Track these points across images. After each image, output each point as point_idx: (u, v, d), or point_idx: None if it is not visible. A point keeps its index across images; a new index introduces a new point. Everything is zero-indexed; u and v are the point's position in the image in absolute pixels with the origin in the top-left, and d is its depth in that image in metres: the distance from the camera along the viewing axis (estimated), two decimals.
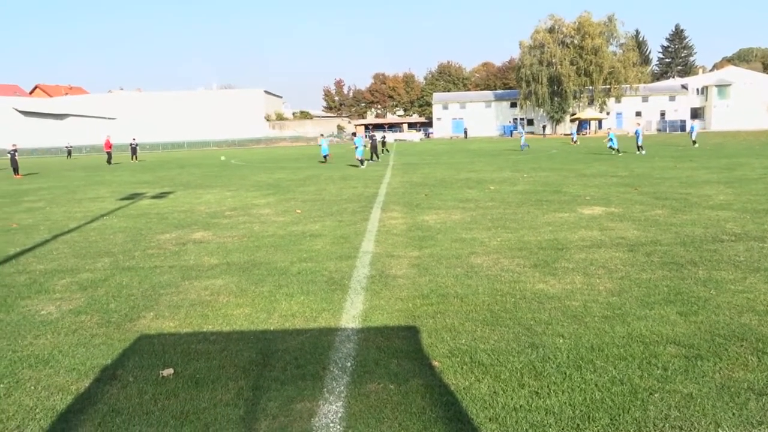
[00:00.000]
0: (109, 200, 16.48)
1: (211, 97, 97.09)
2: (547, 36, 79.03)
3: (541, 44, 79.57)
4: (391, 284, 6.36)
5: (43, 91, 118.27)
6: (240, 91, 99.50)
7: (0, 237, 10.63)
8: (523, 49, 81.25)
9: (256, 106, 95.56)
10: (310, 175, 22.83)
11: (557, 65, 77.68)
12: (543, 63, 78.48)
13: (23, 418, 3.66)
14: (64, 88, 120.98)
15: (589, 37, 76.25)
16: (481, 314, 5.28)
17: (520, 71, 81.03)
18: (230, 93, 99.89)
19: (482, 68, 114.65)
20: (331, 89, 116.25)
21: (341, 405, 3.66)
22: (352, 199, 14.38)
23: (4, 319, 5.70)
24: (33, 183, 25.15)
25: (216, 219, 11.86)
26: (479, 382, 3.92)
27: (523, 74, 79.86)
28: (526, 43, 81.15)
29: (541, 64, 78.50)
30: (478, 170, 22.34)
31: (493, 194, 14.26)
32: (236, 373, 4.17)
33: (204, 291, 6.42)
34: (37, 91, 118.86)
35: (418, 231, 9.53)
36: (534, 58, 79.41)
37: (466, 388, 3.83)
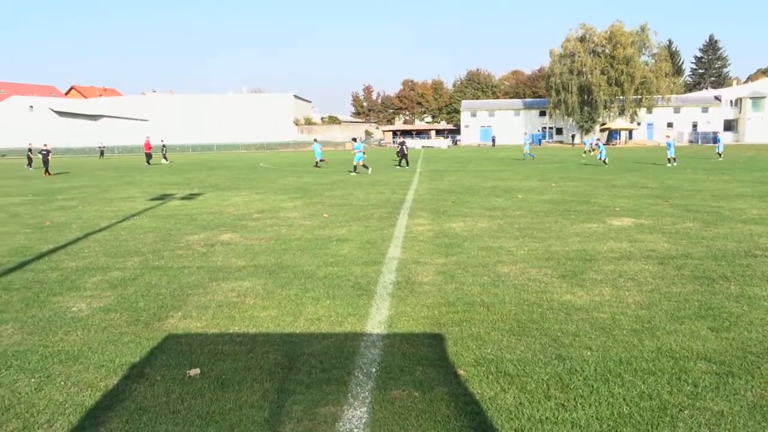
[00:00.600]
0: (139, 200, 16.75)
1: (241, 101, 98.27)
2: (577, 45, 78.33)
3: (571, 53, 78.87)
4: (417, 291, 6.35)
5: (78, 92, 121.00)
6: (270, 96, 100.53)
7: (33, 234, 10.88)
8: (554, 58, 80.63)
9: (286, 111, 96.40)
10: (338, 180, 22.93)
11: (588, 74, 76.91)
12: (573, 72, 77.76)
13: (53, 412, 3.72)
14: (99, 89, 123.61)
15: (620, 47, 75.35)
16: (508, 324, 5.23)
17: (550, 80, 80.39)
18: (260, 97, 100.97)
19: (511, 76, 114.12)
20: (359, 95, 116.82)
21: (366, 411, 3.65)
22: (379, 204, 14.39)
23: (37, 314, 5.82)
24: (66, 182, 25.70)
25: (244, 221, 11.97)
26: (505, 392, 3.88)
27: (553, 83, 79.22)
28: (557, 52, 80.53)
29: (572, 73, 77.79)
30: (505, 178, 22.20)
31: (520, 203, 14.15)
32: (262, 375, 4.19)
33: (231, 292, 6.48)
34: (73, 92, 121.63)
35: (445, 238, 9.50)
36: (564, 67, 78.73)
37: (492, 398, 3.80)
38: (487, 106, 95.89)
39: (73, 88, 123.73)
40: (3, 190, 21.68)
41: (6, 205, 16.22)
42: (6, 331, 5.33)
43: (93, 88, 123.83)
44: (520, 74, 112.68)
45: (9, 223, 12.58)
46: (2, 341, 5.05)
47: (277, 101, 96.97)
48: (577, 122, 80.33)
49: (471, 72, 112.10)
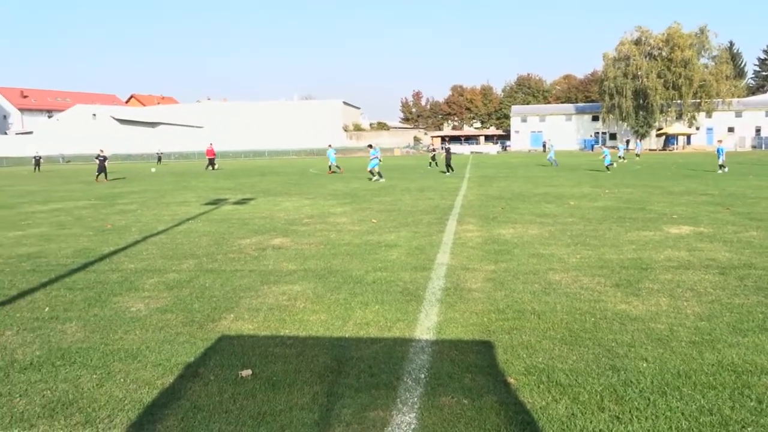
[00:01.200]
0: (194, 205, 17.22)
1: (292, 108, 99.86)
2: (633, 48, 76.43)
3: (626, 56, 77.02)
4: (466, 297, 6.31)
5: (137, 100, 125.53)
6: (319, 102, 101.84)
7: (96, 237, 11.32)
8: (607, 62, 78.92)
9: (335, 117, 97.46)
10: (386, 186, 23.01)
11: (643, 78, 74.94)
12: (628, 76, 75.91)
13: (113, 408, 3.86)
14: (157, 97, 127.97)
15: (678, 49, 73.15)
16: (559, 332, 5.14)
17: (604, 84, 78.69)
18: (310, 104, 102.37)
19: (563, 81, 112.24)
20: (408, 101, 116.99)
21: (414, 416, 3.65)
22: (427, 210, 14.37)
23: (98, 314, 6.05)
24: (126, 187, 26.64)
25: (294, 226, 12.15)
26: (557, 402, 3.81)
27: (607, 87, 77.51)
28: (611, 55, 78.80)
29: (626, 76, 75.95)
30: (556, 185, 21.83)
31: (572, 210, 13.89)
32: (312, 378, 4.24)
33: (282, 296, 6.58)
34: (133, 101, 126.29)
35: (494, 244, 9.40)
36: (618, 71, 76.93)
37: (543, 407, 3.74)
38: (537, 111, 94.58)
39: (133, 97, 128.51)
40: (69, 195, 22.64)
41: (71, 209, 16.94)
42: (70, 328, 5.56)
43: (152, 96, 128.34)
44: (572, 78, 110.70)
45: (74, 225, 13.13)
46: (67, 338, 5.28)
47: (326, 108, 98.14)
48: (632, 127, 78.34)
49: (521, 77, 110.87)
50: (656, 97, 74.39)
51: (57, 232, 12.17)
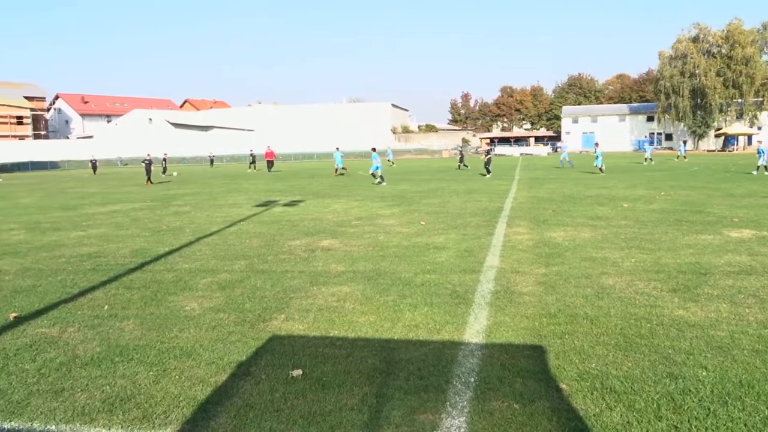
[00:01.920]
0: (245, 207, 17.55)
1: (340, 111, 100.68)
2: (690, 45, 74.02)
3: (683, 54, 74.65)
4: (517, 301, 6.22)
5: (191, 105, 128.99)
6: (368, 105, 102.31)
7: (152, 237, 11.67)
8: (663, 60, 76.65)
9: (383, 119, 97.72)
10: (434, 188, 22.93)
11: (701, 76, 72.47)
12: (685, 74, 73.54)
13: (169, 404, 3.97)
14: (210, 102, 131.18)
15: (739, 46, 70.46)
16: (613, 338, 5.01)
17: (659, 83, 76.47)
18: (359, 106, 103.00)
19: (616, 80, 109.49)
20: (457, 102, 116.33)
21: (464, 420, 3.62)
22: (476, 212, 14.25)
23: (154, 312, 6.23)
24: (180, 189, 27.38)
25: (343, 228, 12.24)
26: (611, 410, 3.71)
27: (662, 86, 75.29)
28: (667, 54, 76.52)
29: (683, 75, 73.60)
30: (609, 187, 21.30)
31: (626, 212, 13.53)
32: (361, 379, 4.26)
33: (331, 297, 6.63)
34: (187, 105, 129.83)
35: (545, 248, 9.24)
36: (675, 69, 74.63)
37: (597, 415, 3.65)
38: (589, 112, 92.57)
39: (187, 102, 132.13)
40: (126, 197, 23.43)
41: (129, 210, 17.52)
42: (128, 326, 5.75)
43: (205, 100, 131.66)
44: (625, 78, 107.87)
45: (131, 226, 13.57)
46: (125, 336, 5.46)
47: (375, 110, 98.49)
48: (689, 127, 75.88)
49: (572, 77, 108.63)
50: (715, 96, 71.87)
51: (115, 232, 12.60)
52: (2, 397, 4.15)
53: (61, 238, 12.01)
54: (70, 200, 22.53)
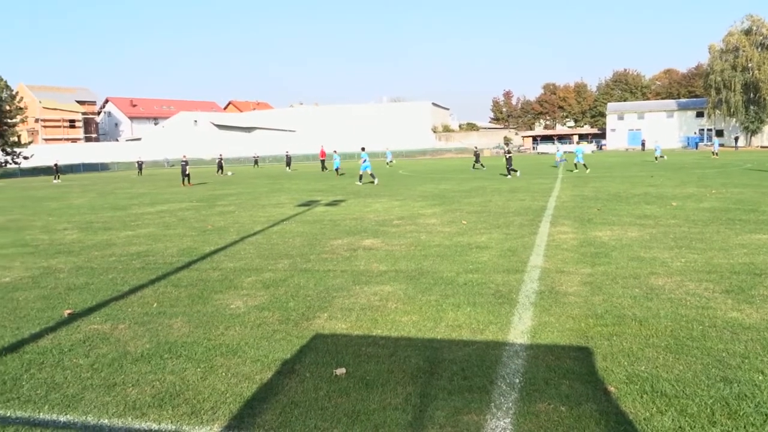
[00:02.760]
0: (288, 206, 17.76)
1: (381, 110, 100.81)
2: (742, 38, 71.54)
3: (735, 48, 72.21)
4: (562, 301, 6.12)
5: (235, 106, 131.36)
6: (408, 104, 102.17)
7: (198, 237, 11.92)
8: (713, 54, 74.31)
9: (424, 118, 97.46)
10: (476, 187, 22.76)
11: (754, 70, 69.95)
12: (737, 68, 71.11)
13: (216, 400, 4.04)
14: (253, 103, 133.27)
15: None
16: (663, 340, 4.87)
17: (709, 78, 74.16)
18: (399, 106, 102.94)
19: (664, 75, 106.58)
20: (499, 100, 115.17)
21: (509, 422, 3.57)
22: (519, 211, 14.08)
23: (201, 310, 6.36)
24: (224, 189, 27.89)
25: (384, 227, 12.26)
26: (662, 414, 3.61)
27: (713, 81, 72.98)
28: (717, 47, 74.15)
29: (735, 69, 71.18)
30: (657, 185, 20.75)
31: (675, 211, 13.15)
32: (404, 379, 4.25)
33: (373, 296, 6.65)
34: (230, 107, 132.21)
35: (591, 247, 9.07)
36: (726, 63, 72.24)
37: (647, 419, 3.55)
38: (635, 108, 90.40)
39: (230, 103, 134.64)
40: (173, 197, 24.00)
41: (175, 210, 17.95)
42: (176, 323, 5.88)
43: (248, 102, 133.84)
44: (673, 73, 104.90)
45: (178, 226, 13.90)
46: (173, 333, 5.59)
47: (415, 110, 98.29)
48: (742, 123, 73.31)
49: (617, 72, 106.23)
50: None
51: (163, 232, 12.92)
52: (58, 391, 4.30)
53: (112, 237, 12.38)
54: (120, 201, 23.20)
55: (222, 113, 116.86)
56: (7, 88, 74.40)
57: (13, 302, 7.03)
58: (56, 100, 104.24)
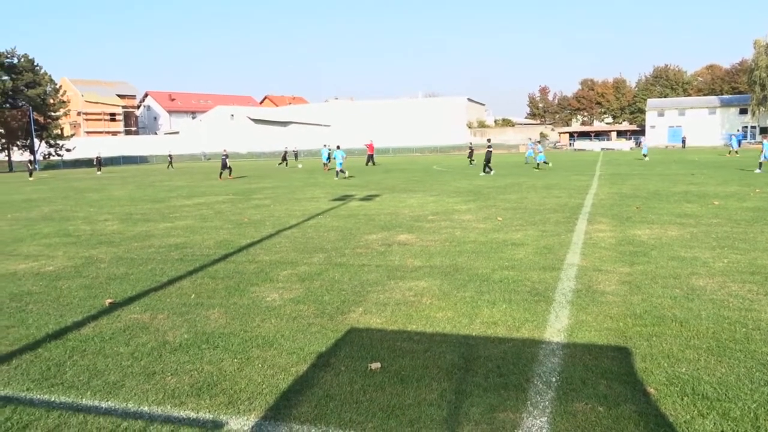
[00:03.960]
0: (323, 201, 17.87)
1: (416, 105, 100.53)
2: None
3: None
4: (600, 300, 6.02)
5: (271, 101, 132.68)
6: (443, 99, 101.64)
7: (235, 229, 12.09)
8: (758, 49, 72.04)
9: (459, 114, 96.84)
10: (511, 183, 22.54)
11: None
12: None
13: (252, 392, 4.09)
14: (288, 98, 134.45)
15: None
16: (705, 342, 4.76)
17: (753, 74, 71.98)
18: (434, 101, 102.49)
19: (706, 71, 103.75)
20: (535, 96, 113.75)
21: (546, 421, 3.54)
22: (555, 209, 13.90)
23: (238, 302, 6.45)
24: (260, 183, 28.20)
25: (419, 222, 12.23)
26: (703, 417, 3.53)
27: (757, 77, 70.81)
28: (763, 42, 71.83)
29: None
30: (698, 183, 20.25)
31: (717, 210, 12.81)
32: (439, 375, 4.25)
33: (408, 291, 6.65)
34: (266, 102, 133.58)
35: (629, 246, 8.90)
36: None
37: (688, 422, 3.48)
38: (676, 105, 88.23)
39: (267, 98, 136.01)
40: (209, 190, 24.38)
41: (212, 203, 18.23)
42: (213, 315, 5.98)
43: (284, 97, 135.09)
44: (716, 68, 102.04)
45: (215, 218, 14.11)
46: (210, 324, 5.68)
47: (450, 105, 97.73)
48: None
49: (658, 68, 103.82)
50: None
51: (200, 224, 13.14)
52: (100, 378, 4.41)
53: (151, 229, 12.64)
54: (159, 193, 23.67)
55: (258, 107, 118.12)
56: (51, 82, 76.58)
57: (56, 291, 7.24)
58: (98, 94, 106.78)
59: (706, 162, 35.83)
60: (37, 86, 72.68)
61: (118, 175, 44.65)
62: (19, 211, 17.81)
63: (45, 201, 21.64)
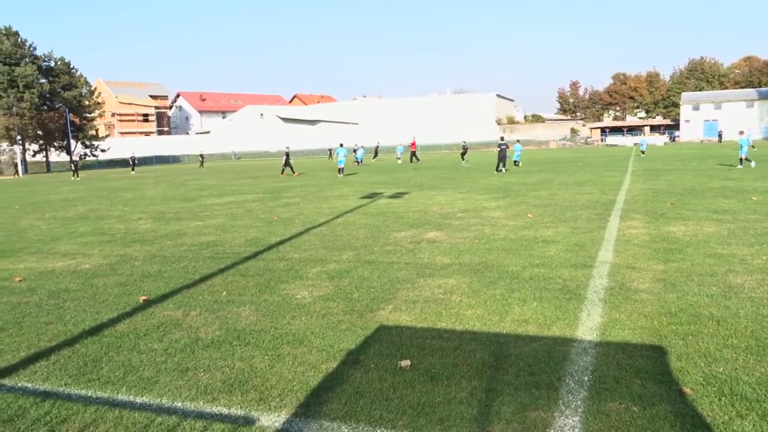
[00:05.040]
0: (351, 198, 17.92)
1: (444, 102, 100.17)
2: None
3: None
4: (633, 298, 5.91)
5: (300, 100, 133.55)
6: (472, 96, 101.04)
7: (265, 228, 12.20)
8: None
9: (488, 110, 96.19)
10: (542, 180, 22.29)
11: None
12: None
13: (283, 388, 4.12)
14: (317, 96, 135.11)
15: None
16: (743, 341, 4.63)
17: None
18: (462, 98, 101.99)
19: (744, 63, 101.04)
20: (565, 91, 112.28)
21: (578, 420, 3.49)
22: (587, 205, 13.70)
23: (268, 299, 6.50)
24: (289, 182, 28.41)
25: (448, 220, 12.18)
26: (742, 418, 3.44)
27: None
28: None
29: None
30: (735, 178, 19.74)
31: (755, 206, 12.47)
32: (469, 373, 4.22)
33: (437, 289, 6.62)
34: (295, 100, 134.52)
35: (664, 243, 8.72)
36: None
37: (726, 422, 3.39)
38: (712, 98, 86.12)
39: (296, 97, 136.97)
40: (240, 189, 24.65)
41: (242, 202, 18.43)
42: (244, 312, 6.04)
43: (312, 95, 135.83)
44: (754, 60, 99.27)
45: (245, 217, 14.27)
46: (242, 321, 5.74)
47: (479, 101, 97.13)
48: None
49: (693, 61, 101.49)
50: None
51: (231, 222, 13.29)
52: (135, 374, 4.50)
53: (183, 227, 12.83)
54: (190, 192, 24.02)
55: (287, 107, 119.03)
56: (87, 84, 78.30)
57: (92, 288, 7.40)
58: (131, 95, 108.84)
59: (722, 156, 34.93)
60: (73, 88, 74.39)
61: (151, 175, 45.44)
62: (57, 210, 18.27)
63: (81, 200, 22.15)
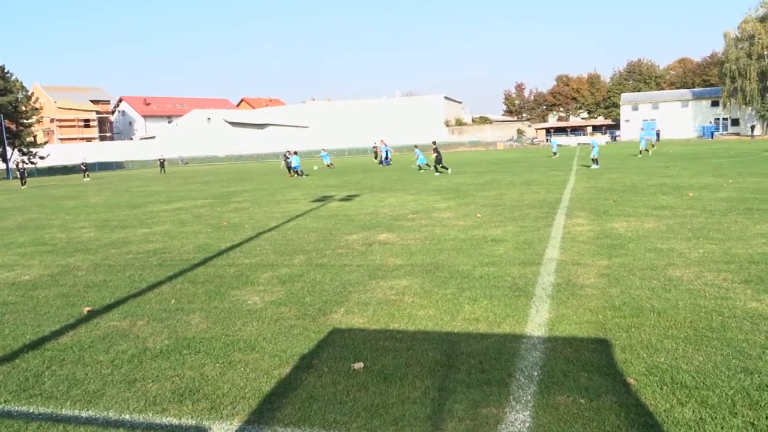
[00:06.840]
0: (302, 202, 17.81)
1: (394, 105, 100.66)
2: (758, 26, 70.47)
3: (750, 35, 71.17)
4: (579, 293, 6.08)
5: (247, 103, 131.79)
6: (421, 98, 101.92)
7: (214, 233, 11.99)
8: (728, 42, 73.29)
9: (437, 112, 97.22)
10: (490, 180, 22.67)
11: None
12: (752, 56, 70.11)
13: (235, 396, 4.07)
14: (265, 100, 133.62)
15: None
16: (683, 332, 4.83)
17: (724, 66, 73.21)
18: (412, 100, 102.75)
19: (678, 65, 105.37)
20: (511, 93, 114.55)
21: (529, 414, 3.57)
22: (534, 204, 14.01)
23: (218, 306, 6.40)
24: (239, 186, 28.01)
25: (399, 221, 12.25)
26: (682, 405, 3.58)
27: (728, 69, 72.02)
28: (732, 35, 73.10)
29: (750, 57, 70.19)
30: (673, 175, 20.56)
31: (692, 201, 13.02)
32: (422, 372, 4.26)
33: (390, 290, 6.65)
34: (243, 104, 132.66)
35: (607, 239, 9.00)
36: (741, 51, 71.25)
37: (668, 410, 3.53)
38: (650, 99, 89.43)
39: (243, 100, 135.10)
40: (188, 194, 24.14)
41: (191, 207, 18.06)
42: (194, 319, 5.93)
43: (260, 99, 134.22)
44: (688, 62, 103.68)
45: (193, 223, 13.99)
46: (191, 329, 5.63)
47: (428, 104, 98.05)
48: (758, 112, 72.32)
49: (631, 63, 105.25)
50: None
51: (179, 229, 13.01)
52: (79, 387, 4.35)
53: (129, 235, 12.49)
54: (136, 199, 23.39)
55: (235, 110, 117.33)
56: (23, 89, 75.26)
57: (33, 300, 7.12)
58: (71, 100, 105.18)
59: (683, 154, 36.37)
60: (8, 93, 71.31)
61: (93, 182, 44.02)
62: None
63: (19, 210, 21.27)
